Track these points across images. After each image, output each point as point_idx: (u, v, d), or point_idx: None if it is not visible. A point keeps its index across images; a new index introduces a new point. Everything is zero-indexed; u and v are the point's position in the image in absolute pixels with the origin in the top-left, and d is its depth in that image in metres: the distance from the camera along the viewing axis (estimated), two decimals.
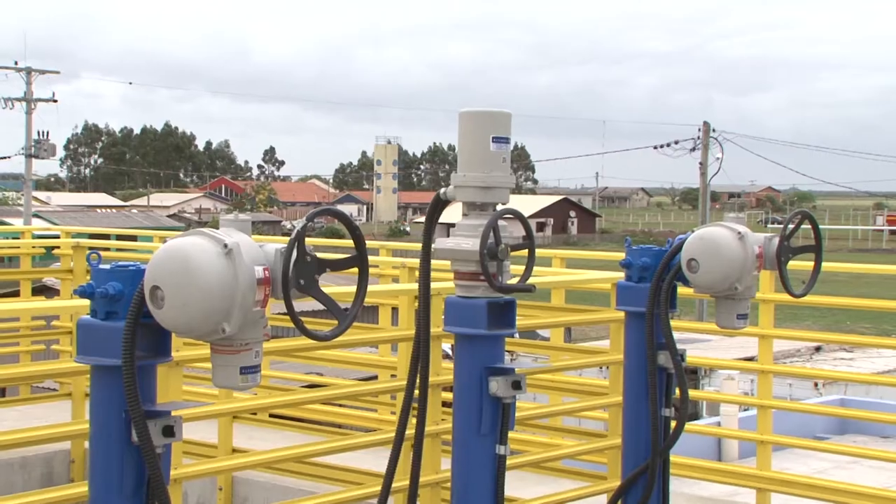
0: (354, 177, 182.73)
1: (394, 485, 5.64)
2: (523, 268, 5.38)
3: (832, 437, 15.45)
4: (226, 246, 3.87)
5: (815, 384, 22.14)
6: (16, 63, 62.29)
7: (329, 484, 8.02)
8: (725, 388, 18.63)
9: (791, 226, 6.30)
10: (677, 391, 6.27)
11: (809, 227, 6.45)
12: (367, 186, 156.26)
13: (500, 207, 5.29)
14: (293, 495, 7.92)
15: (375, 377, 9.29)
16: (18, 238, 15.66)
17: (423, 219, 5.61)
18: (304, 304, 4.01)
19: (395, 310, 8.04)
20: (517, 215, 5.32)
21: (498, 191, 5.28)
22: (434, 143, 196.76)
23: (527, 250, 5.37)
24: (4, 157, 72.94)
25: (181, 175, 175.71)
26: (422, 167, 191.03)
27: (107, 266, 4.11)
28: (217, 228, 3.99)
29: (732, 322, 6.29)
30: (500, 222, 5.19)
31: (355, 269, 4.23)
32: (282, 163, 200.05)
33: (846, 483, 8.65)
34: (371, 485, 6.00)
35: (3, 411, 10.43)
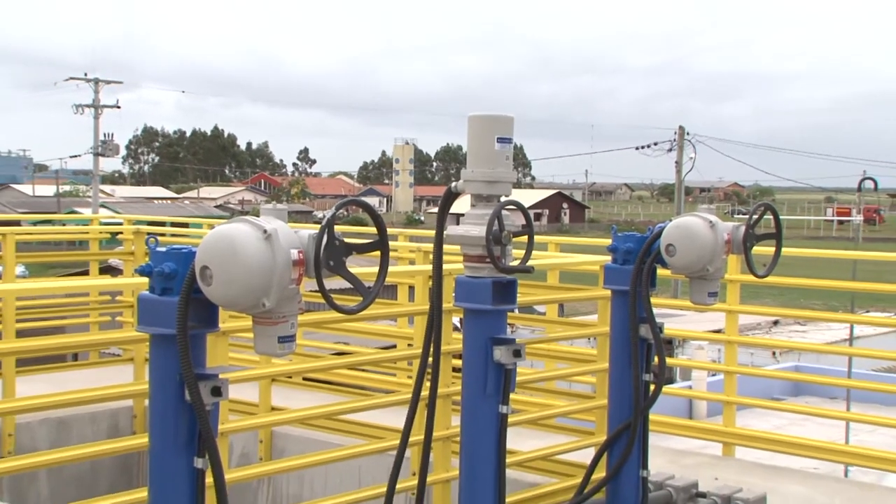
0: (376, 173, 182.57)
1: (410, 439, 5.65)
2: (523, 251, 5.38)
3: (787, 399, 15.49)
4: (265, 231, 3.86)
5: (773, 353, 22.12)
6: (85, 75, 62.55)
7: (354, 437, 8.02)
8: (696, 356, 18.66)
9: (755, 216, 6.29)
10: (656, 359, 6.28)
11: (771, 217, 6.43)
12: (386, 181, 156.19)
13: (503, 199, 5.28)
14: (323, 447, 7.92)
15: (394, 346, 9.28)
16: (88, 225, 15.68)
17: (436, 209, 5.59)
18: (333, 282, 3.99)
19: (411, 288, 8.02)
20: (518, 206, 5.31)
21: (501, 185, 5.27)
22: (446, 144, 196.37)
23: (526, 236, 5.36)
24: (75, 156, 73.40)
25: (226, 171, 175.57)
26: (435, 165, 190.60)
27: (163, 249, 4.11)
28: (258, 216, 4.00)
29: (704, 299, 6.28)
30: (504, 212, 5.18)
31: (377, 252, 4.22)
32: (313, 161, 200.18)
33: (799, 437, 8.65)
34: (390, 438, 5.99)
35: (76, 373, 10.44)
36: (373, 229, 4.29)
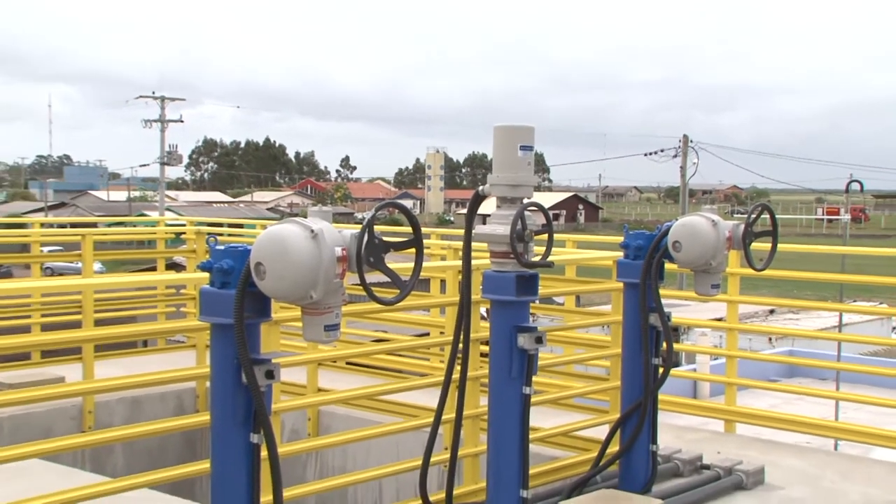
0: (410, 178, 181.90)
1: (443, 417, 5.64)
2: (544, 248, 5.35)
3: (782, 380, 15.32)
4: (313, 231, 3.87)
5: (770, 339, 21.96)
6: (153, 93, 62.89)
7: (392, 416, 8.01)
8: (700, 342, 18.51)
9: (754, 215, 6.27)
10: (664, 344, 6.24)
11: (768, 216, 6.39)
12: (419, 185, 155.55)
13: (525, 201, 5.25)
14: (364, 424, 7.91)
15: (427, 333, 9.27)
16: (155, 226, 15.74)
17: (464, 210, 5.59)
18: (373, 276, 3.98)
19: (442, 281, 8.02)
20: (539, 207, 5.28)
21: (524, 188, 5.25)
22: (472, 152, 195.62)
23: (546, 235, 5.33)
24: (144, 165, 73.98)
25: (277, 177, 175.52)
26: (463, 170, 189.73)
27: (221, 247, 4.12)
28: (306, 218, 3.99)
29: (707, 290, 6.25)
30: (526, 213, 5.17)
31: (412, 250, 4.21)
32: (354, 167, 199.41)
33: (793, 415, 8.58)
34: (425, 417, 5.98)
35: (146, 357, 10.49)
36: (408, 229, 4.28)
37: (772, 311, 26.50)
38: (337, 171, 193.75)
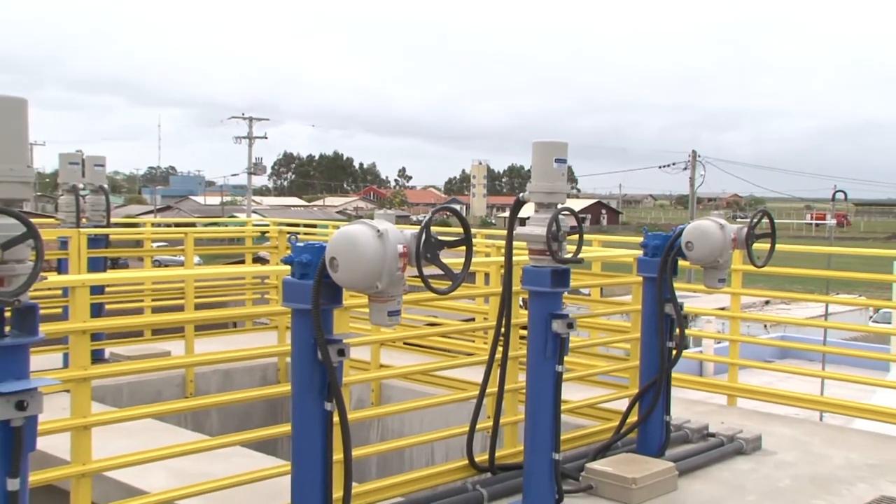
0: (458, 186, 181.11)
1: (486, 390, 5.61)
2: (575, 246, 5.29)
3: (776, 361, 15.15)
4: (379, 231, 3.84)
5: (765, 325, 21.75)
6: (242, 115, 63.78)
7: (442, 389, 8.00)
8: (706, 328, 18.33)
9: (755, 220, 6.16)
10: (677, 330, 6.16)
11: (767, 221, 6.28)
12: (466, 192, 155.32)
13: (559, 206, 5.19)
14: (418, 396, 7.92)
15: (473, 319, 9.21)
16: (244, 226, 15.87)
17: (504, 214, 5.60)
18: (428, 269, 3.95)
19: (486, 274, 7.97)
20: (571, 212, 5.22)
21: (558, 195, 5.17)
22: (511, 164, 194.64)
23: (577, 235, 5.28)
24: (235, 175, 74.67)
25: (344, 185, 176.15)
26: (503, 180, 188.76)
27: (301, 244, 4.10)
28: (373, 219, 3.97)
29: (715, 284, 6.16)
30: (559, 216, 5.11)
31: (462, 247, 4.17)
32: (410, 177, 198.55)
33: (785, 391, 8.43)
34: (471, 390, 5.94)
35: (235, 337, 10.56)
36: (459, 229, 4.24)
37: (767, 302, 26.24)
38: (395, 179, 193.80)
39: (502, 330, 5.50)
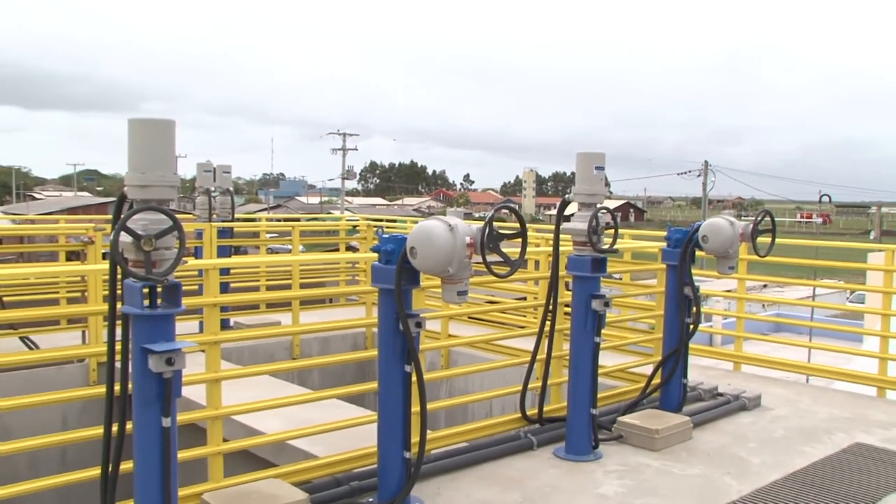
0: (511, 189, 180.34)
1: (537, 357, 5.52)
2: (611, 239, 5.18)
3: (772, 334, 14.79)
4: (450, 225, 3.79)
5: (763, 305, 21.24)
6: (338, 131, 64.84)
7: (500, 355, 7.94)
8: (716, 307, 17.95)
9: (759, 218, 6.00)
10: (694, 308, 6.00)
11: (769, 219, 6.09)
12: (518, 194, 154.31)
13: (598, 206, 5.08)
14: (481, 361, 7.86)
15: (525, 298, 9.11)
16: (338, 221, 15.97)
17: (553, 212, 5.44)
18: (491, 257, 3.88)
19: (536, 262, 7.86)
20: (608, 210, 5.11)
21: (597, 197, 5.07)
22: (556, 171, 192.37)
23: (612, 230, 5.17)
24: (331, 179, 75.13)
25: (419, 188, 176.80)
26: (549, 183, 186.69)
27: (386, 236, 4.07)
28: (445, 216, 3.92)
29: (725, 270, 5.99)
30: (598, 214, 5.00)
31: (519, 239, 4.09)
32: (473, 181, 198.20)
33: (780, 358, 8.20)
34: (524, 357, 5.85)
35: (331, 310, 10.65)
36: (514, 224, 4.16)
37: (765, 286, 25.56)
38: (460, 183, 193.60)
39: (550, 307, 5.40)
